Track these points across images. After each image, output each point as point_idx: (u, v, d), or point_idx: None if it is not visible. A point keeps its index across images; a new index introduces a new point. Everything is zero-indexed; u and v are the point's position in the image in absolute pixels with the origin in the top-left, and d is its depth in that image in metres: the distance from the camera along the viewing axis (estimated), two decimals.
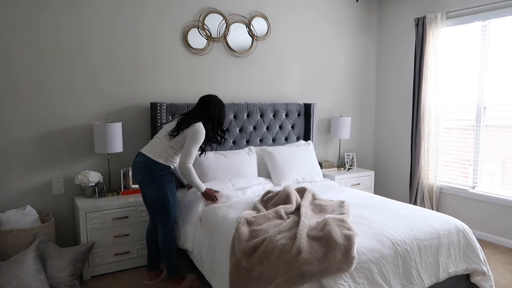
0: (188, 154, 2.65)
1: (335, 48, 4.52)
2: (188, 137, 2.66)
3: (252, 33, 3.89)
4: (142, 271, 3.07)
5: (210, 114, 2.78)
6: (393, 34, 4.64)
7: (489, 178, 4.01)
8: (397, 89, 4.65)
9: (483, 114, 3.92)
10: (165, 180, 2.71)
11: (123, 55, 3.33)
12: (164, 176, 2.71)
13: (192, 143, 2.65)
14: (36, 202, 3.08)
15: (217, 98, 2.87)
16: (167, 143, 2.72)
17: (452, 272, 2.47)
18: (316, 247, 2.11)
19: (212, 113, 2.78)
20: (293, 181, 3.57)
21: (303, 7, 4.22)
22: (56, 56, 3.08)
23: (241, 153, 3.52)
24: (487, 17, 3.79)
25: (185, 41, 3.57)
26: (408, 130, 4.48)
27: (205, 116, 2.77)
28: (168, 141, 2.72)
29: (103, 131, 3.08)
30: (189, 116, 2.77)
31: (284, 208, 2.63)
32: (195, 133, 2.65)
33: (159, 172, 2.69)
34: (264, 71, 4.05)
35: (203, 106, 2.80)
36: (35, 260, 2.56)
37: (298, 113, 4.12)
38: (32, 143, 3.06)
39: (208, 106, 2.79)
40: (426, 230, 2.44)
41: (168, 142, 2.72)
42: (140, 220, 3.11)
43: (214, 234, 2.65)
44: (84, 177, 3.09)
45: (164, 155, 2.71)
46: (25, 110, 3.01)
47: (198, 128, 2.66)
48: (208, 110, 2.78)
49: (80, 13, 3.13)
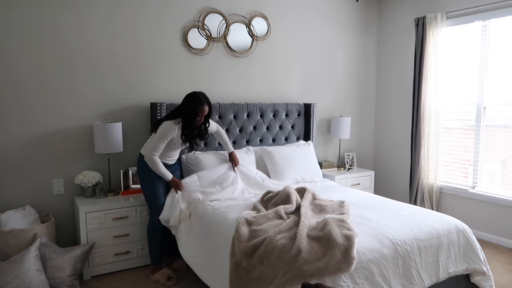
0: (152, 146, 2.81)
1: (335, 48, 4.52)
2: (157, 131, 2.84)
3: (252, 33, 3.89)
4: (142, 271, 3.07)
5: (181, 112, 2.84)
6: (393, 34, 4.64)
7: (489, 178, 4.01)
8: (397, 89, 4.65)
9: (483, 114, 3.92)
10: (145, 171, 2.87)
11: (123, 55, 3.33)
12: (145, 167, 2.85)
13: (156, 137, 2.81)
14: (36, 202, 3.08)
15: (194, 95, 2.86)
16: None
17: (452, 272, 2.47)
18: (316, 247, 2.11)
19: (182, 111, 2.84)
20: (293, 181, 3.57)
21: (303, 7, 4.22)
22: (56, 56, 3.08)
23: (239, 153, 3.51)
24: (487, 17, 3.79)
25: (185, 41, 3.57)
26: (408, 130, 4.48)
27: (178, 113, 2.84)
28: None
29: (103, 131, 3.08)
30: (168, 114, 2.93)
31: (284, 208, 2.63)
32: (160, 129, 2.81)
33: (141, 163, 2.89)
34: (264, 71, 4.05)
35: (181, 104, 2.90)
36: (35, 260, 2.56)
37: (298, 113, 4.12)
38: (32, 143, 3.06)
39: (181, 104, 2.88)
40: (426, 230, 2.44)
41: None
42: (140, 220, 3.11)
43: (213, 234, 2.65)
44: (84, 177, 3.09)
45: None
46: (25, 110, 3.01)
47: (162, 126, 2.81)
48: (181, 108, 2.86)
49: (81, 13, 3.13)
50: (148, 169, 2.86)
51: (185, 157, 3.41)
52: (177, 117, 2.83)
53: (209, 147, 3.59)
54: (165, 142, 2.81)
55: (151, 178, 2.89)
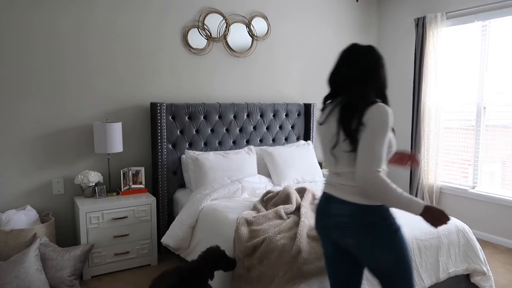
0: (377, 156, 1.53)
1: (335, 48, 4.47)
2: (367, 128, 1.54)
3: (252, 33, 3.89)
4: (142, 271, 3.07)
5: (375, 81, 1.69)
6: (393, 34, 4.64)
7: (489, 178, 4.01)
8: (397, 89, 4.65)
9: (483, 114, 3.92)
10: (377, 221, 1.62)
11: (123, 55, 3.33)
12: (373, 213, 1.61)
13: (379, 135, 1.55)
14: (36, 202, 3.08)
15: (372, 47, 1.74)
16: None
17: (452, 272, 2.47)
18: (316, 247, 2.11)
19: (373, 78, 1.69)
20: (293, 181, 3.56)
21: (303, 7, 4.22)
22: (56, 56, 3.08)
23: (241, 153, 3.51)
24: (487, 17, 3.79)
25: (185, 41, 3.57)
26: (408, 130, 4.48)
27: (369, 86, 1.66)
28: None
29: (103, 131, 3.08)
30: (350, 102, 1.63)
31: (284, 208, 2.63)
32: (380, 120, 1.55)
33: (358, 213, 1.61)
34: (264, 71, 4.05)
35: (366, 65, 1.68)
36: (35, 260, 2.56)
37: (298, 113, 4.12)
38: (32, 143, 3.06)
39: (369, 65, 1.69)
40: (426, 230, 2.44)
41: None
42: (139, 220, 3.11)
43: (214, 234, 2.65)
44: (84, 177, 3.09)
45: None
46: (25, 110, 3.01)
47: (380, 112, 1.57)
48: (371, 73, 1.69)
49: (80, 13, 3.13)
50: (381, 213, 1.61)
51: (185, 156, 3.41)
52: (371, 93, 1.65)
53: (209, 147, 3.59)
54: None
55: (392, 226, 1.61)
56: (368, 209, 1.59)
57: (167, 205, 3.38)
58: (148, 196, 3.24)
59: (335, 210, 1.65)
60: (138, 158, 3.45)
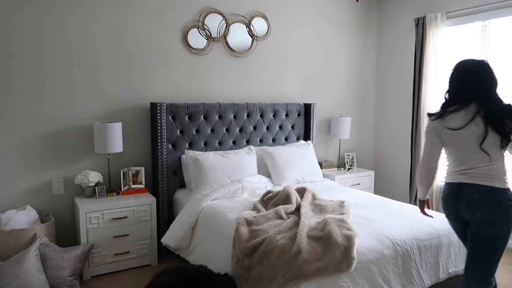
0: None
1: (335, 48, 4.52)
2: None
3: (252, 33, 3.89)
4: (142, 271, 3.07)
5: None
6: (393, 34, 4.64)
7: None
8: (397, 89, 4.65)
9: None
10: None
11: (123, 55, 3.33)
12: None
13: None
14: (36, 202, 3.08)
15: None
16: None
17: (452, 272, 2.48)
18: (316, 247, 2.11)
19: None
20: (293, 181, 3.57)
21: (303, 7, 4.22)
22: (56, 56, 3.08)
23: (241, 153, 3.51)
24: (487, 17, 3.78)
25: (185, 41, 3.57)
26: (408, 130, 4.47)
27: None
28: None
29: (103, 131, 3.08)
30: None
31: (284, 208, 2.63)
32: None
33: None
34: (264, 71, 4.05)
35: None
36: (35, 260, 2.56)
37: (298, 113, 4.12)
38: (32, 143, 3.06)
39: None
40: (426, 230, 2.44)
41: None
42: (139, 220, 3.11)
43: (214, 234, 2.65)
44: (84, 177, 3.09)
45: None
46: (25, 109, 3.01)
47: None
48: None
49: (80, 14, 3.13)
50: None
51: (185, 156, 3.41)
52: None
53: (209, 147, 3.59)
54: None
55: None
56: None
57: (167, 205, 3.38)
58: (148, 196, 3.24)
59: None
60: (138, 158, 3.45)
